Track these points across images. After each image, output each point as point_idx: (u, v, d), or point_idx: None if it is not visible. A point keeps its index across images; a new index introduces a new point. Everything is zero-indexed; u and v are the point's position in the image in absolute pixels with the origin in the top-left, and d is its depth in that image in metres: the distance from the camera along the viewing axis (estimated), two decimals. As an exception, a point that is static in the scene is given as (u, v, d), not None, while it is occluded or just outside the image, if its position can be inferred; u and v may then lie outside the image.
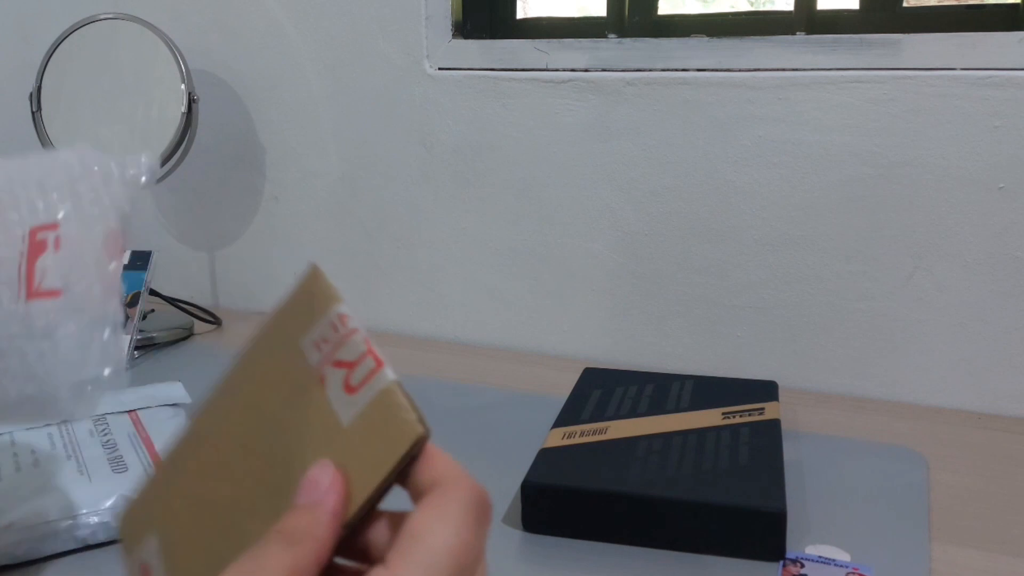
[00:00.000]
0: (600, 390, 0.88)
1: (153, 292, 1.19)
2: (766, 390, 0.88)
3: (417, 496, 0.35)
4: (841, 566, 0.64)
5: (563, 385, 1.01)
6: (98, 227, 0.51)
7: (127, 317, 1.10)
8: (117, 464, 0.74)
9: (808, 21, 1.03)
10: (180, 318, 1.21)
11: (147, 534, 0.39)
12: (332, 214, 1.26)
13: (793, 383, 1.04)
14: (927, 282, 0.97)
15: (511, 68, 1.11)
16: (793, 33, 1.02)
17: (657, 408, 0.83)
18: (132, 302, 1.10)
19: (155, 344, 1.14)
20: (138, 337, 1.11)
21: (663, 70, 1.04)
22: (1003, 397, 0.96)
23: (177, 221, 1.38)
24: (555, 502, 0.69)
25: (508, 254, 1.16)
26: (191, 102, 1.13)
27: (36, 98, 1.16)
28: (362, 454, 0.35)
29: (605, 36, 1.11)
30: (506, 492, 0.76)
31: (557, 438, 0.77)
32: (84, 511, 0.68)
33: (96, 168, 0.50)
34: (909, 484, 0.78)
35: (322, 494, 0.34)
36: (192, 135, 1.15)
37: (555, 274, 1.13)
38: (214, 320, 1.24)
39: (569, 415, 0.82)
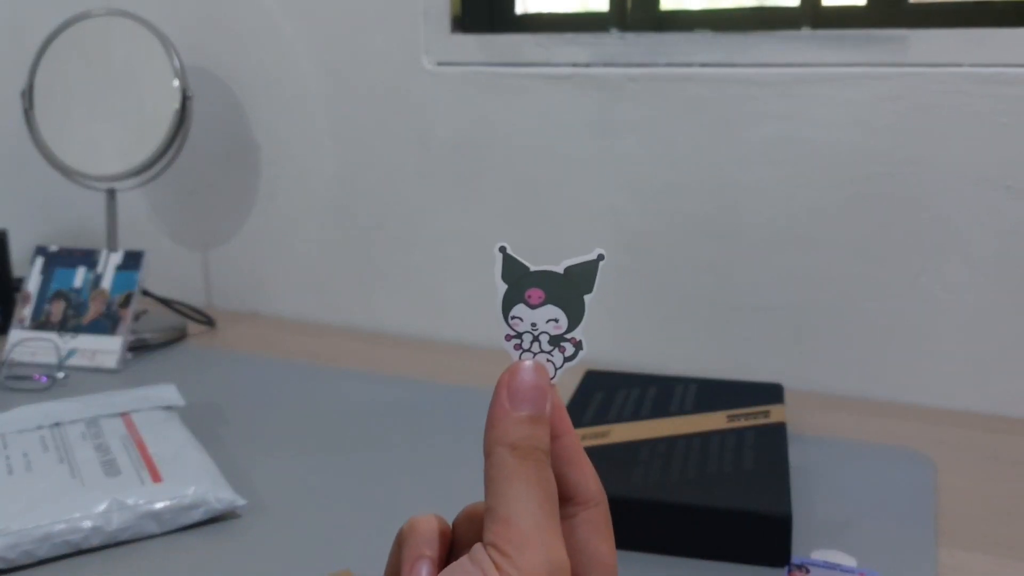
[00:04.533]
0: (602, 393, 0.87)
1: (146, 293, 1.19)
2: (771, 393, 0.87)
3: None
4: (847, 571, 0.64)
5: (565, 387, 1.00)
6: None
7: (120, 318, 1.08)
8: (110, 467, 0.73)
9: (814, 16, 1.02)
10: (173, 319, 1.20)
11: None
12: (328, 213, 1.25)
13: (798, 385, 1.02)
14: (934, 282, 0.96)
15: (511, 63, 1.10)
16: (799, 28, 1.01)
17: (660, 411, 0.82)
18: (124, 303, 1.09)
19: (148, 345, 1.13)
20: (131, 338, 1.10)
21: (666, 65, 1.03)
22: (1012, 399, 0.95)
23: (170, 220, 1.37)
24: (557, 507, 0.68)
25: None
26: (185, 99, 1.12)
27: (28, 96, 1.15)
28: None
29: (607, 31, 1.09)
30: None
31: (559, 441, 0.76)
32: (77, 515, 0.67)
33: None
34: (916, 487, 0.77)
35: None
36: (185, 132, 1.14)
37: (555, 273, 1.12)
38: (207, 321, 1.22)
39: (571, 418, 0.81)
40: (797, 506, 0.73)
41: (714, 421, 0.80)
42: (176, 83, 1.12)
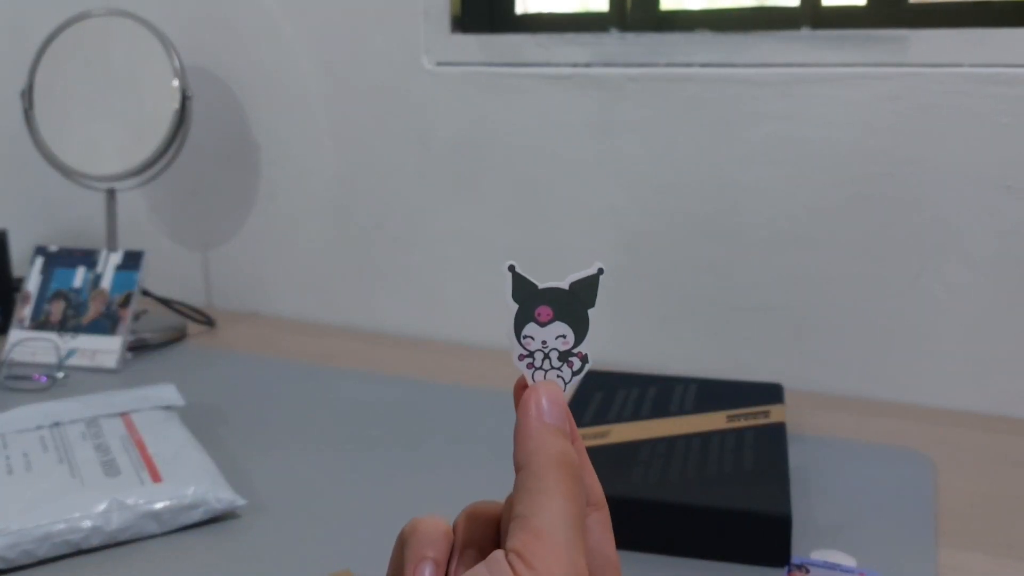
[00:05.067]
0: (602, 392, 0.87)
1: (145, 292, 1.18)
2: (771, 393, 0.86)
3: None
4: (847, 571, 0.63)
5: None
6: None
7: (120, 318, 1.08)
8: (109, 468, 0.73)
9: (814, 16, 1.02)
10: (173, 319, 1.20)
11: None
12: (328, 213, 1.25)
13: (798, 385, 1.02)
14: (934, 282, 0.96)
15: (511, 63, 1.10)
16: (799, 28, 1.01)
17: (660, 411, 0.82)
18: (124, 303, 1.09)
19: (148, 345, 1.13)
20: (130, 338, 1.09)
21: (666, 65, 1.03)
22: (1012, 399, 0.95)
23: (170, 220, 1.37)
24: (557, 507, 0.68)
25: (508, 253, 1.14)
26: (184, 99, 1.12)
27: (28, 96, 1.15)
28: None
29: (607, 31, 1.09)
30: (506, 496, 0.75)
31: (559, 441, 0.76)
32: (77, 515, 0.67)
33: None
34: (916, 487, 0.77)
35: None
36: (185, 132, 1.14)
37: (556, 274, 1.12)
38: (207, 321, 1.22)
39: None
40: (797, 506, 0.72)
41: (714, 421, 0.80)
42: (176, 83, 1.12)
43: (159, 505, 0.69)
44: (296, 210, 1.27)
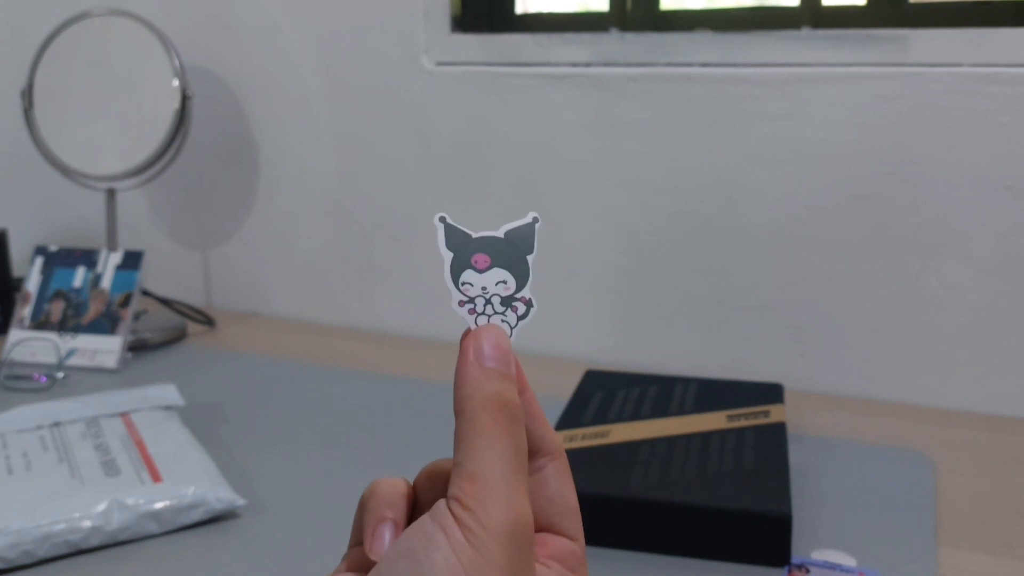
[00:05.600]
0: (602, 392, 0.87)
1: (145, 292, 1.18)
2: (771, 392, 0.86)
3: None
4: (847, 571, 0.64)
5: (564, 387, 1.00)
6: None
7: (119, 318, 1.08)
8: (109, 468, 0.73)
9: (814, 16, 1.02)
10: (173, 319, 1.19)
11: None
12: (328, 213, 1.25)
13: (799, 385, 1.02)
14: (934, 282, 0.96)
15: (511, 63, 1.10)
16: (799, 28, 1.01)
17: (660, 411, 0.82)
18: (124, 303, 1.09)
19: (147, 345, 1.13)
20: (130, 338, 1.09)
21: (666, 65, 1.03)
22: (1011, 399, 0.95)
23: (170, 220, 1.37)
24: (557, 507, 0.68)
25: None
26: (184, 99, 1.12)
27: (28, 96, 1.15)
28: None
29: (607, 31, 1.09)
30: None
31: (559, 441, 0.76)
32: (77, 515, 0.67)
33: None
34: (916, 487, 0.77)
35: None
36: (185, 132, 1.14)
37: (556, 274, 1.12)
38: (207, 321, 1.22)
39: (571, 418, 0.81)
40: (797, 506, 0.72)
41: (714, 421, 0.80)
42: (176, 83, 1.12)
43: (159, 505, 0.69)
44: (296, 210, 1.27)
